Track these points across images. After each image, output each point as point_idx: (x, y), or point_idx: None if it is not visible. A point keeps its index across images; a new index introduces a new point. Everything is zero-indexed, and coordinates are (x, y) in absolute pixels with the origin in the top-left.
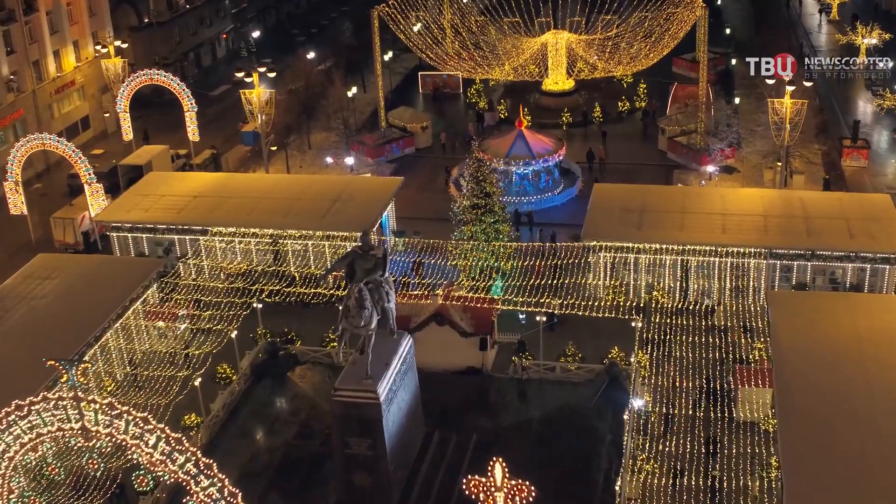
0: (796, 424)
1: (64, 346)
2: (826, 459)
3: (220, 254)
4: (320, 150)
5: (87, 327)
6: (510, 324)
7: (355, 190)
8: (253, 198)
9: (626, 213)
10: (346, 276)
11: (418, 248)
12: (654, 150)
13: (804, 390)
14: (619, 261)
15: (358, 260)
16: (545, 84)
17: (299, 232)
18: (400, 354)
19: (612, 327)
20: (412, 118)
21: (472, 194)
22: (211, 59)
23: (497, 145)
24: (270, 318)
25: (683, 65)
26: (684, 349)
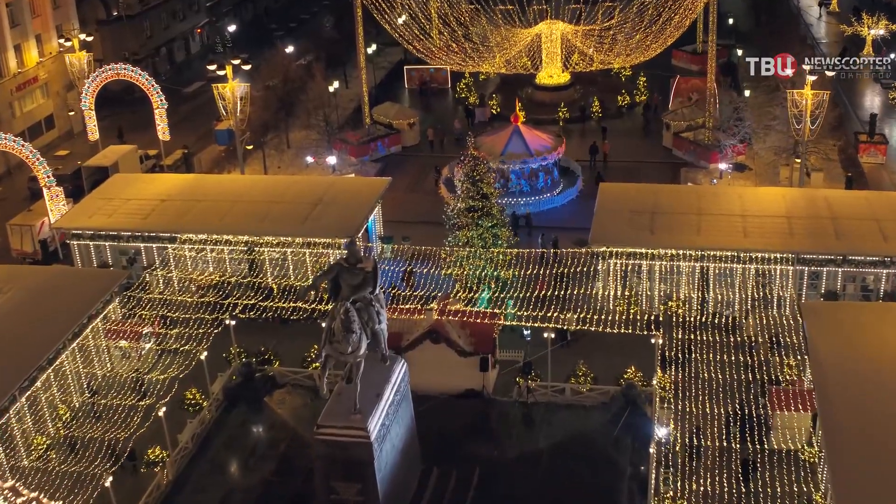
0: (846, 453)
1: (13, 369)
2: (883, 494)
3: (190, 264)
4: (300, 150)
5: (39, 348)
6: (513, 340)
7: (338, 192)
8: (226, 201)
9: (637, 215)
10: (329, 293)
11: (408, 256)
12: (658, 147)
13: (851, 414)
14: (630, 268)
15: (343, 274)
16: (539, 78)
17: (277, 239)
18: (393, 383)
19: (627, 343)
20: (398, 114)
21: (468, 196)
22: (184, 55)
23: (492, 142)
24: (245, 336)
25: (684, 57)
26: (711, 368)
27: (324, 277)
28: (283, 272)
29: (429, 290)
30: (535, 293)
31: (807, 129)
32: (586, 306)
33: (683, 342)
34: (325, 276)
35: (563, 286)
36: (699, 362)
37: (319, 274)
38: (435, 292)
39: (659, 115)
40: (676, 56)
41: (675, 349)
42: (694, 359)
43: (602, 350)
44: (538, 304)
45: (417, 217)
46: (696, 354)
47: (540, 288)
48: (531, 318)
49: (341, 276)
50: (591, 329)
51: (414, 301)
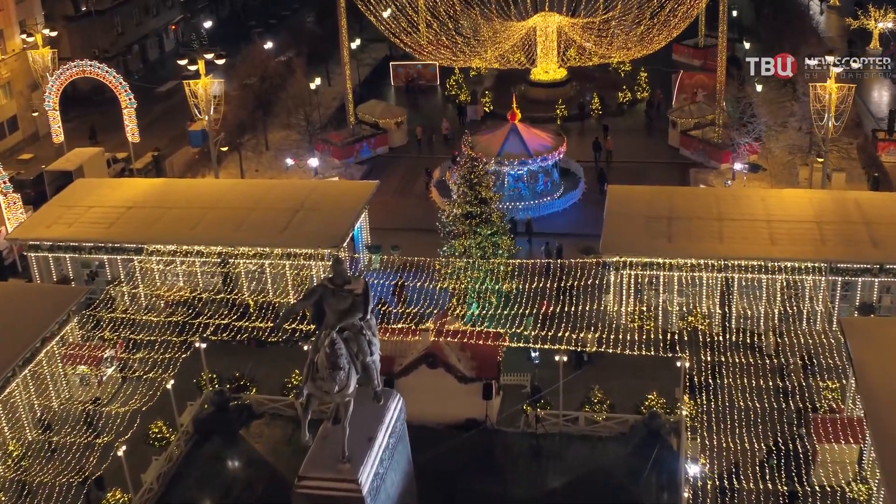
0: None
1: None
2: None
3: (159, 278)
4: (279, 151)
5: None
6: (519, 363)
7: (321, 197)
8: (198, 208)
9: (652, 220)
10: (312, 319)
11: (398, 268)
12: (664, 146)
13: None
14: (645, 280)
15: (328, 298)
16: (534, 73)
17: (254, 250)
18: (388, 423)
19: (645, 365)
20: (385, 112)
21: (465, 201)
22: (158, 53)
23: (487, 142)
24: (218, 360)
25: (685, 52)
26: (742, 394)
27: (304, 303)
28: (261, 287)
29: (423, 307)
30: (540, 310)
31: (831, 125)
32: (598, 323)
33: (710, 364)
34: (305, 302)
35: (571, 301)
36: (728, 387)
37: (299, 299)
38: (430, 309)
39: (662, 113)
40: (677, 50)
41: (701, 372)
42: (722, 383)
43: (618, 373)
44: (546, 322)
45: (407, 224)
46: (726, 378)
47: (546, 307)
48: (539, 339)
49: (325, 301)
50: (609, 350)
51: (406, 319)
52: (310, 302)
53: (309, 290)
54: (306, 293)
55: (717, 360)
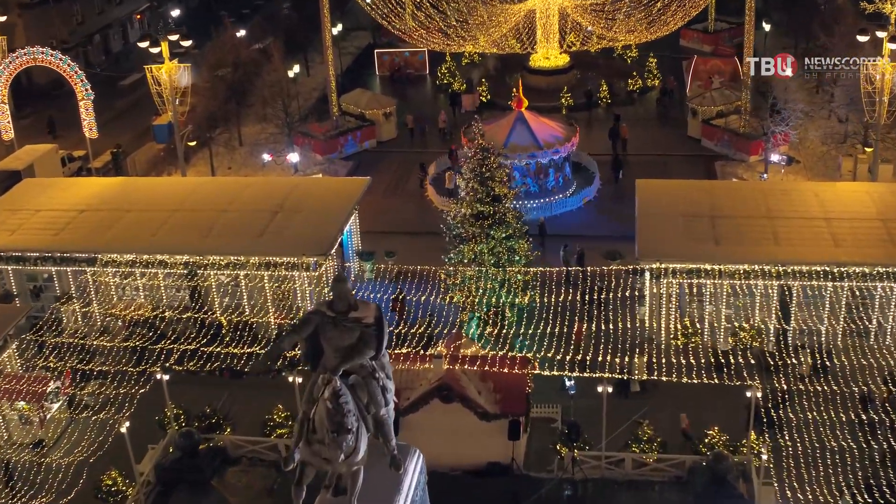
0: None
1: None
2: None
3: (115, 293)
4: (254, 147)
5: None
6: (547, 391)
7: (304, 196)
8: (162, 210)
9: (693, 219)
10: (305, 357)
11: (395, 278)
12: (682, 137)
13: None
14: (689, 289)
15: (328, 330)
16: (533, 60)
17: (226, 259)
18: (407, 492)
19: (700, 393)
20: (371, 103)
21: (475, 199)
22: (122, 44)
23: (491, 133)
24: (185, 393)
25: (695, 37)
26: (820, 427)
27: (295, 337)
28: (236, 303)
29: (429, 325)
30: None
31: (883, 110)
32: (644, 345)
33: (780, 392)
34: (296, 335)
35: (602, 316)
36: (804, 420)
37: (288, 331)
38: (437, 327)
39: (677, 100)
40: (685, 36)
41: (771, 401)
42: (796, 415)
43: (668, 403)
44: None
45: (401, 226)
46: (799, 408)
47: (579, 331)
48: (576, 364)
49: (324, 334)
50: (662, 378)
51: (412, 342)
52: (302, 335)
53: (302, 319)
54: (298, 324)
55: (786, 385)
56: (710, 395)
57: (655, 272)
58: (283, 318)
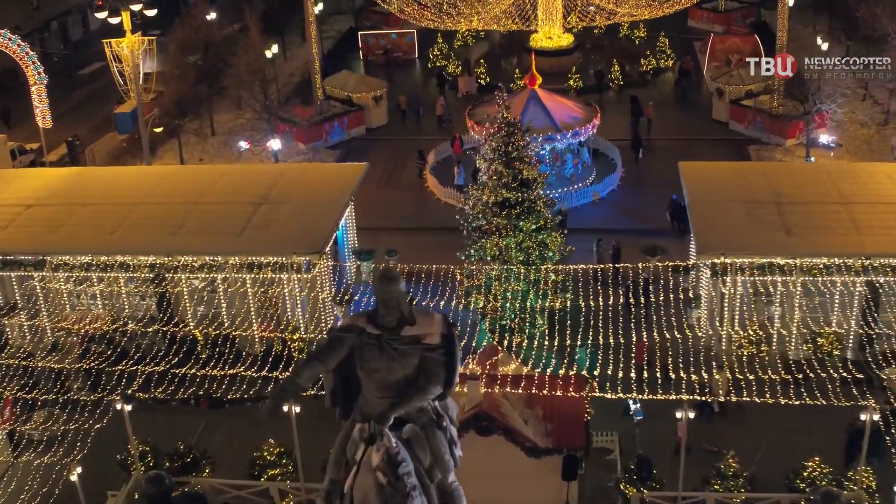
0: None
1: None
2: None
3: (67, 302)
4: (229, 136)
5: None
6: (601, 416)
7: (291, 185)
8: (123, 204)
9: (755, 206)
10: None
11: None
12: (707, 121)
13: None
14: (755, 288)
15: (370, 357)
16: (534, 40)
17: (200, 259)
18: None
19: (791, 413)
20: (360, 86)
21: (500, 183)
22: (81, 32)
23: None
24: (153, 426)
25: (705, 17)
26: None
27: (316, 367)
28: (212, 312)
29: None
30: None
31: None
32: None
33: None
34: (319, 365)
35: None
36: None
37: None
38: (464, 340)
39: (694, 82)
40: (694, 16)
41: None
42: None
43: (752, 428)
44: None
45: (398, 221)
46: None
47: (640, 351)
48: (644, 384)
49: (364, 362)
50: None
51: None
52: (329, 364)
53: (328, 340)
54: (323, 347)
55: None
56: (801, 415)
57: (718, 268)
58: (269, 331)
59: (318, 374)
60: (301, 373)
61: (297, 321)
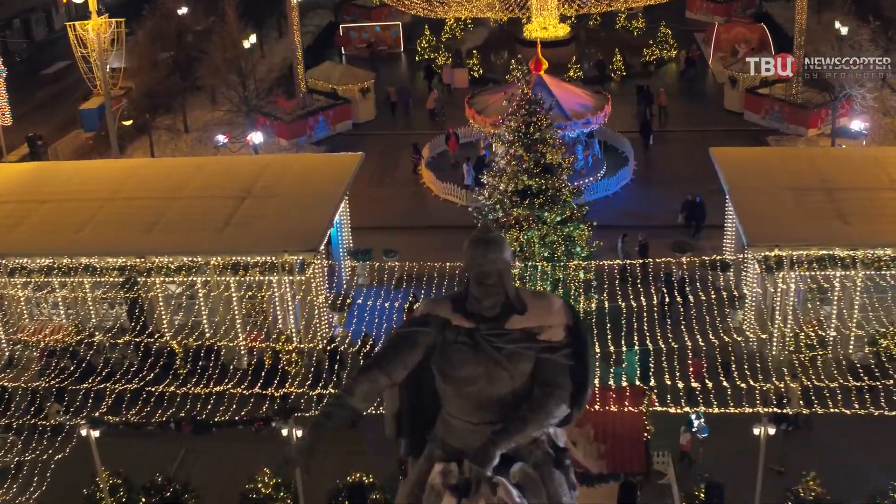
0: None
1: None
2: None
3: (26, 310)
4: (204, 133)
5: None
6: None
7: (279, 176)
8: (89, 200)
9: (804, 194)
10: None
11: (398, 281)
12: (719, 111)
13: None
14: (807, 282)
15: (459, 361)
16: (527, 31)
17: (177, 260)
18: None
19: (862, 425)
20: (346, 77)
21: (520, 168)
22: (46, 31)
23: (500, 102)
24: (124, 453)
25: (703, 7)
26: None
27: (377, 379)
28: (191, 321)
29: None
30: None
31: None
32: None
33: None
34: (387, 370)
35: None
36: None
37: (370, 362)
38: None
39: (700, 72)
40: (692, 7)
41: None
42: None
43: (825, 442)
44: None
45: (394, 220)
46: None
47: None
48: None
49: (448, 369)
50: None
51: None
52: (396, 373)
53: (399, 336)
54: (390, 347)
55: None
56: (867, 427)
57: (771, 262)
58: (258, 341)
59: (380, 389)
60: (354, 389)
61: (289, 330)
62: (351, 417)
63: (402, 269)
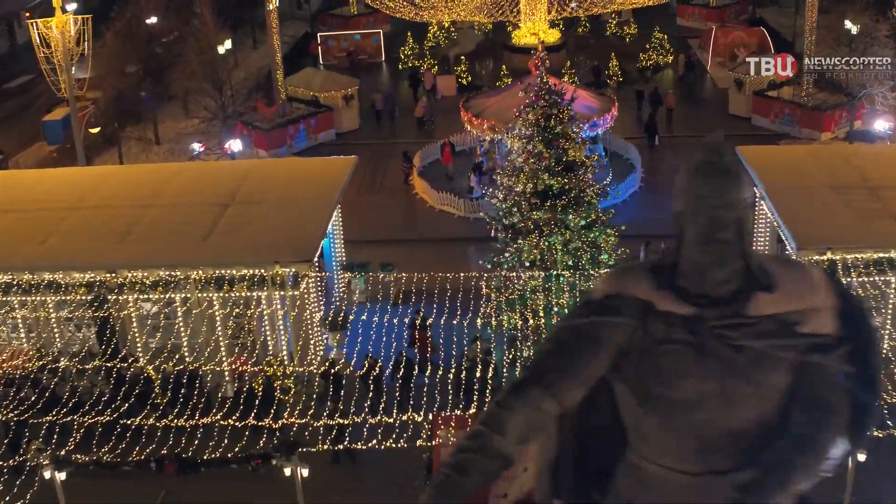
0: None
1: None
2: None
3: None
4: (177, 144)
5: None
6: None
7: (265, 182)
8: (54, 209)
9: (848, 193)
10: (551, 485)
11: (396, 297)
12: (724, 115)
13: None
14: (865, 287)
15: (670, 361)
16: (516, 37)
17: (152, 274)
18: None
19: None
20: (327, 84)
21: (540, 167)
22: (8, 45)
23: (500, 105)
24: (94, 496)
25: (695, 13)
26: None
27: (547, 396)
28: (171, 343)
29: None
30: None
31: None
32: None
33: None
34: (554, 388)
35: None
36: None
37: (526, 379)
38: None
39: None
40: (683, 13)
41: None
42: None
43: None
44: None
45: (387, 233)
46: None
47: None
48: None
49: (654, 384)
50: None
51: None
52: (570, 392)
53: (571, 332)
54: (556, 350)
55: None
56: None
57: (824, 268)
58: (246, 365)
59: (545, 421)
60: (504, 424)
61: (280, 351)
62: (500, 470)
63: (404, 283)
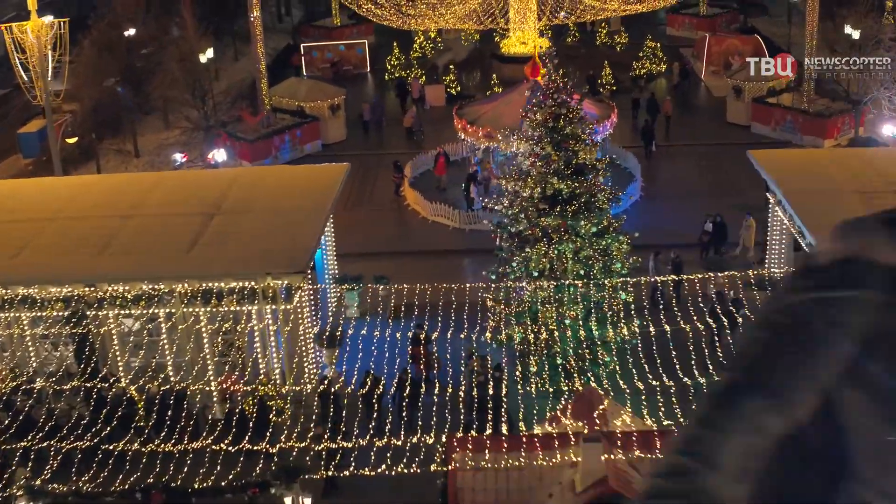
0: None
1: None
2: None
3: None
4: (157, 156)
5: None
6: None
7: (252, 190)
8: (29, 220)
9: (873, 197)
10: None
11: (392, 312)
12: (722, 124)
13: None
14: None
15: None
16: (505, 46)
17: (135, 288)
18: None
19: None
20: (313, 93)
21: (548, 170)
22: None
23: (495, 112)
24: None
25: (686, 23)
26: None
27: (774, 416)
28: (154, 362)
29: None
30: None
31: None
32: None
33: None
34: (785, 387)
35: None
36: None
37: (729, 391)
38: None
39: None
40: (674, 23)
41: None
42: None
43: None
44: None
45: (379, 246)
46: None
47: None
48: None
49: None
50: None
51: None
52: (808, 399)
53: (797, 313)
54: (775, 336)
55: None
56: None
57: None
58: (236, 385)
59: (764, 447)
60: (717, 451)
61: (273, 370)
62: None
63: (403, 296)
